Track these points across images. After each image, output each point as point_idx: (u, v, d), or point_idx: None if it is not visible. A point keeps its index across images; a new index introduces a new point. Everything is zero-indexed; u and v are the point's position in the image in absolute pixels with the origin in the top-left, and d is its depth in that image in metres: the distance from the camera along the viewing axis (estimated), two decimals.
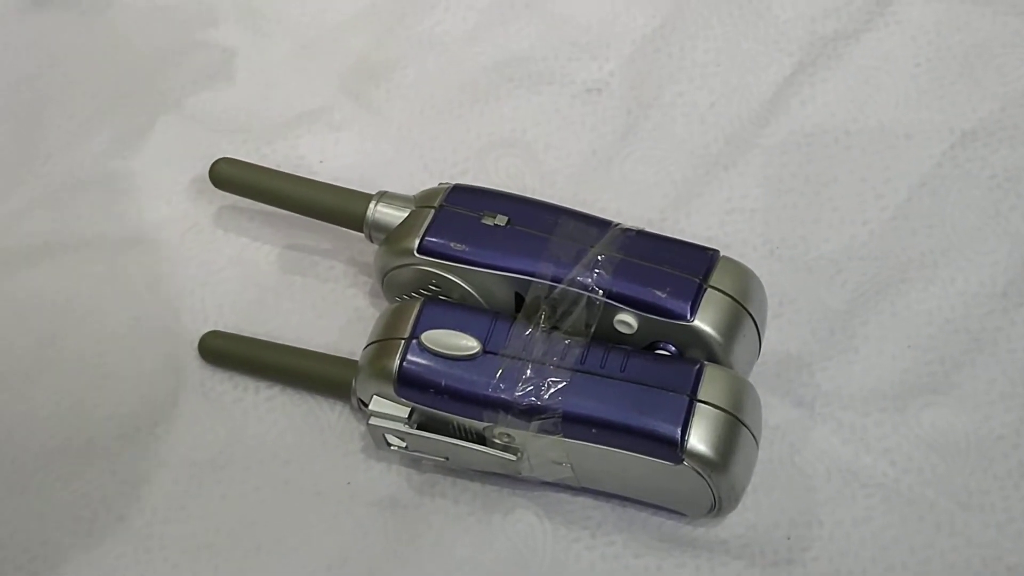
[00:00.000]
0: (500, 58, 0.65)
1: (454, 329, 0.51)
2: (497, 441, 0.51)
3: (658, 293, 0.51)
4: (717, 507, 0.51)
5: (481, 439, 0.52)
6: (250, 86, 0.65)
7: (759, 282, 0.53)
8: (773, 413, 0.54)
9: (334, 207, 0.56)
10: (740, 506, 0.52)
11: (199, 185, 0.61)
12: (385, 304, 0.56)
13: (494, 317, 0.51)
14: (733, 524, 0.53)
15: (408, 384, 0.51)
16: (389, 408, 0.52)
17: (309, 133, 0.63)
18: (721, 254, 0.52)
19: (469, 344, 0.51)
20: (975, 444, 0.54)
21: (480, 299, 0.53)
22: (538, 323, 0.51)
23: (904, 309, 0.57)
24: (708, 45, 0.64)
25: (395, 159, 0.62)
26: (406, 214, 0.54)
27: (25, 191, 0.62)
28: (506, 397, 0.50)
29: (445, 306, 0.52)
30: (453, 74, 0.64)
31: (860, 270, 0.58)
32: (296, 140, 0.63)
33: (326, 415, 0.56)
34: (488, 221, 0.53)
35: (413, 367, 0.51)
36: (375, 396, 0.52)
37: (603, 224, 0.53)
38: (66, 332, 0.59)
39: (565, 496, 0.54)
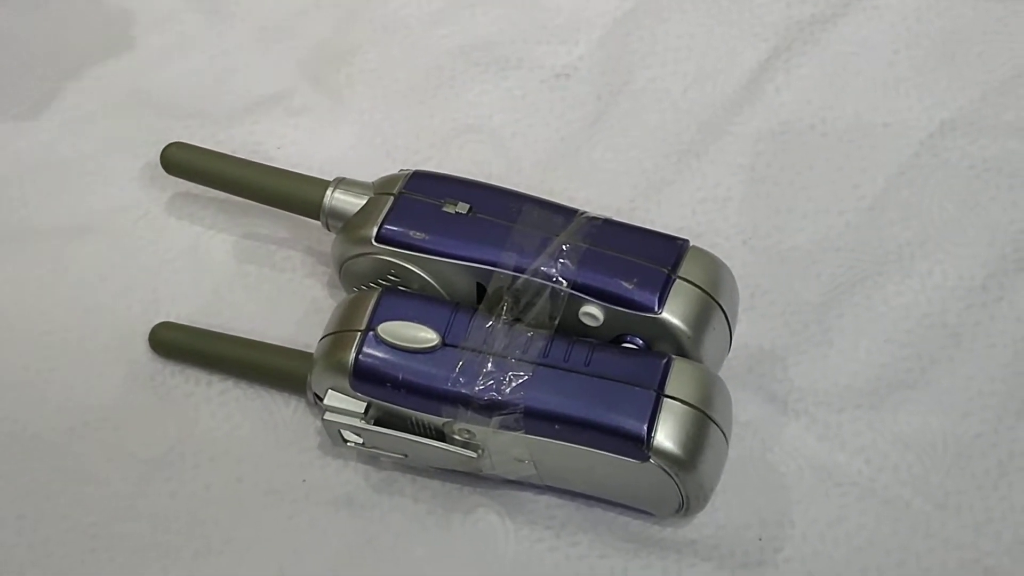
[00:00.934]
0: (466, 42, 0.63)
1: (412, 321, 0.49)
2: (457, 437, 0.49)
3: (625, 284, 0.49)
4: (685, 506, 0.49)
5: (441, 435, 0.50)
6: (206, 70, 0.63)
7: (730, 273, 0.51)
8: (744, 409, 0.53)
9: (290, 194, 0.55)
10: (709, 505, 0.51)
11: (151, 172, 0.60)
12: (343, 295, 0.54)
13: (454, 308, 0.50)
14: (702, 524, 0.51)
15: (364, 378, 0.49)
16: (345, 403, 0.50)
17: (267, 118, 0.61)
18: (691, 244, 0.51)
19: (428, 336, 0.49)
20: (952, 443, 0.53)
21: (440, 290, 0.51)
22: (500, 315, 0.50)
23: (881, 303, 0.56)
24: (681, 29, 0.63)
25: (356, 145, 0.61)
26: (364, 201, 0.53)
27: None
28: (466, 391, 0.48)
29: (403, 297, 0.51)
30: (417, 58, 0.63)
31: (836, 262, 0.57)
32: (253, 126, 0.61)
33: (281, 410, 0.55)
34: (449, 209, 0.51)
35: (369, 360, 0.49)
36: (330, 390, 0.50)
37: (569, 212, 0.51)
38: (11, 323, 0.57)
39: (528, 495, 0.52)
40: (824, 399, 0.54)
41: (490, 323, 0.49)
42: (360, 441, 0.51)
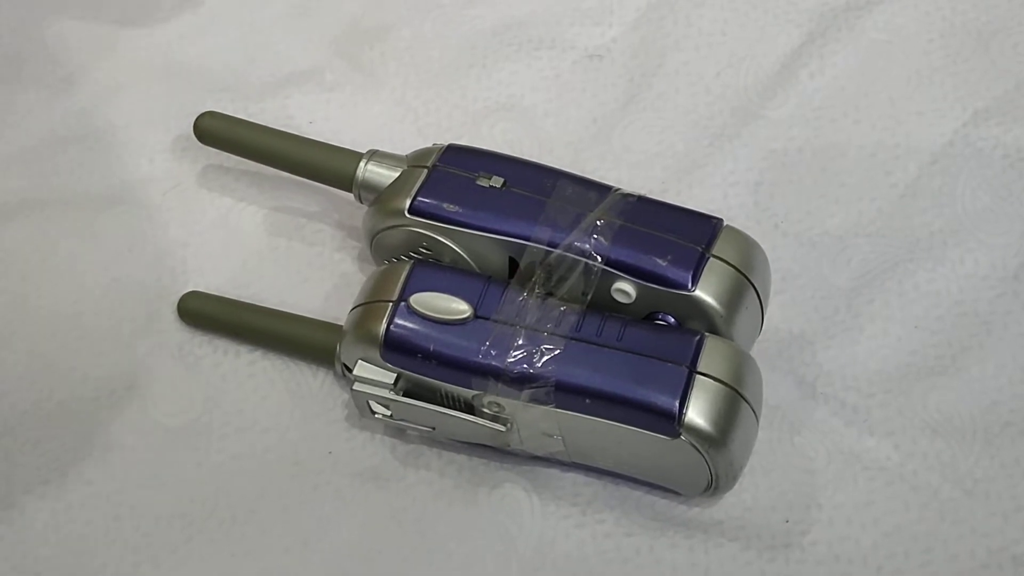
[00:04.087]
0: (499, 22, 0.63)
1: (444, 292, 0.49)
2: (486, 411, 0.49)
3: (658, 261, 0.49)
4: (714, 486, 0.49)
5: (469, 408, 0.50)
6: (240, 44, 0.63)
7: (763, 253, 0.51)
8: (773, 392, 0.52)
9: (323, 165, 0.54)
10: (737, 487, 0.50)
11: (183, 143, 0.59)
12: (374, 270, 0.54)
13: (487, 281, 0.50)
14: (729, 505, 0.51)
15: (395, 348, 0.49)
16: (374, 374, 0.50)
17: (299, 93, 0.61)
18: (725, 223, 0.50)
19: (460, 308, 0.49)
20: (982, 430, 0.52)
21: (472, 263, 0.51)
22: (532, 289, 0.49)
23: (911, 289, 0.55)
24: (715, 14, 0.62)
25: (387, 123, 0.61)
26: (397, 174, 0.53)
27: (2, 146, 0.60)
28: (497, 364, 0.48)
29: (436, 269, 0.51)
30: (450, 37, 0.63)
31: (867, 248, 0.56)
32: (286, 100, 0.61)
33: (308, 382, 0.54)
34: (483, 182, 0.51)
35: (400, 331, 0.49)
36: (360, 361, 0.50)
37: (603, 189, 0.51)
38: (41, 292, 0.57)
39: (555, 471, 0.52)
40: (853, 384, 0.53)
41: (522, 297, 0.49)
42: (388, 413, 0.51)
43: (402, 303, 0.49)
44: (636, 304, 0.49)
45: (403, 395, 0.50)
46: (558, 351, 0.48)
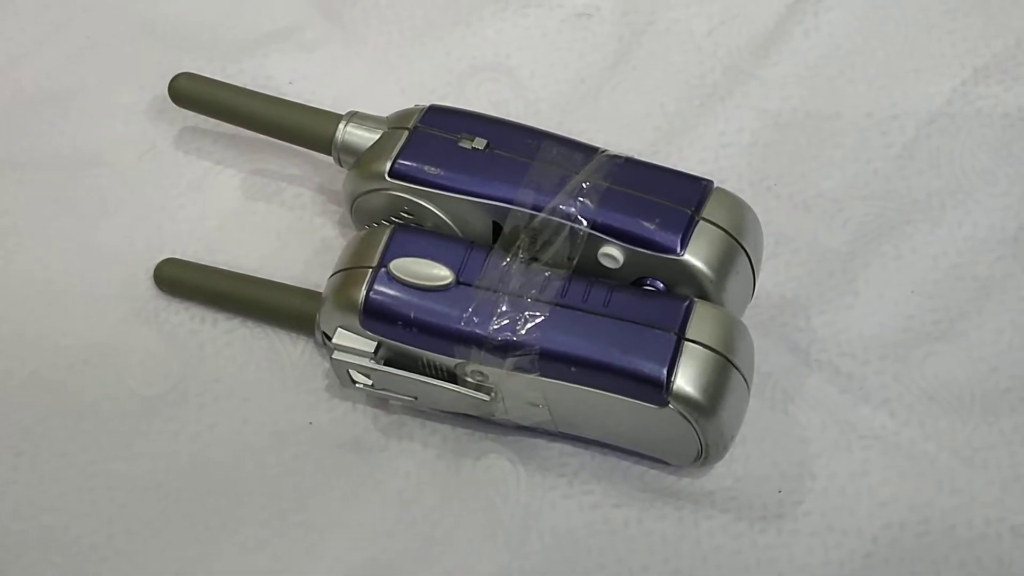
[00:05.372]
0: None
1: (425, 258, 0.48)
2: (469, 380, 0.48)
3: (646, 224, 0.48)
4: (703, 456, 0.48)
5: (452, 377, 0.48)
6: (217, 2, 0.61)
7: (755, 216, 0.50)
8: (766, 359, 0.51)
9: (301, 127, 0.53)
10: (728, 456, 0.49)
11: (159, 105, 0.58)
12: (355, 234, 0.52)
13: (469, 246, 0.48)
14: (720, 475, 0.50)
15: (375, 316, 0.48)
16: (354, 342, 0.49)
17: (278, 52, 0.60)
18: (715, 185, 0.49)
19: (441, 274, 0.47)
20: (980, 397, 0.51)
21: (455, 227, 0.50)
22: (516, 254, 0.48)
23: (908, 252, 0.54)
24: None
25: (369, 82, 0.59)
26: (378, 136, 0.51)
27: None
28: (480, 331, 0.47)
29: (417, 233, 0.49)
30: None
31: (862, 210, 0.55)
32: (264, 59, 0.60)
33: (288, 350, 0.53)
34: (465, 144, 0.50)
35: (380, 297, 0.47)
36: (339, 329, 0.49)
37: (589, 150, 0.50)
38: (11, 257, 0.56)
39: (541, 441, 0.51)
40: (848, 350, 0.52)
41: (506, 262, 0.48)
42: (369, 382, 0.49)
43: (382, 269, 0.48)
44: (623, 269, 0.48)
45: (384, 364, 0.49)
46: (542, 318, 0.46)
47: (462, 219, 0.50)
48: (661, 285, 0.48)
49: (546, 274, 0.47)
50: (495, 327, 0.46)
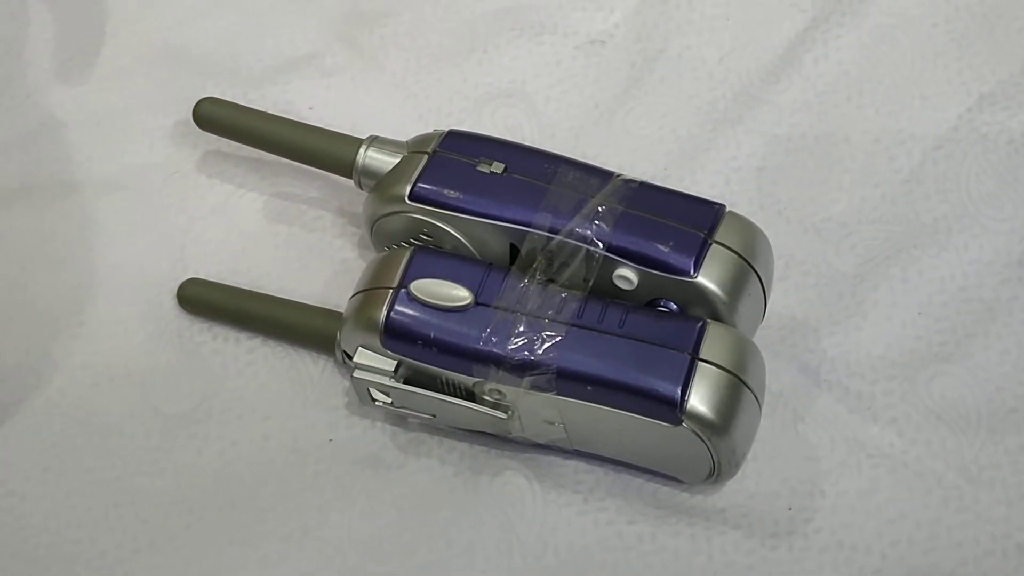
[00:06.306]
0: (501, 6, 0.62)
1: (445, 279, 0.49)
2: (487, 398, 0.49)
3: (660, 247, 0.49)
4: (716, 473, 0.49)
5: (470, 396, 0.49)
6: (239, 29, 0.62)
7: (766, 239, 0.51)
8: (776, 379, 0.52)
9: (323, 151, 0.54)
10: (740, 474, 0.50)
11: (183, 129, 0.59)
12: (374, 256, 0.53)
13: (487, 268, 0.49)
14: (732, 492, 0.51)
15: (395, 335, 0.49)
16: (375, 361, 0.50)
17: (299, 78, 0.61)
18: (727, 209, 0.50)
19: (460, 295, 0.48)
20: (986, 417, 0.52)
21: (473, 250, 0.51)
22: (534, 275, 0.49)
23: (916, 275, 0.55)
24: None
25: (388, 108, 0.60)
26: (398, 160, 0.52)
27: (1, 131, 0.60)
28: (498, 351, 0.48)
29: (436, 255, 0.50)
30: (451, 22, 0.62)
31: (871, 234, 0.56)
32: (285, 85, 0.61)
33: (308, 369, 0.54)
34: (484, 168, 0.51)
35: (401, 318, 0.49)
36: (360, 348, 0.50)
37: (604, 175, 0.51)
38: (39, 278, 0.57)
39: (556, 459, 0.52)
40: (857, 370, 0.53)
41: (523, 283, 0.49)
42: (388, 400, 0.50)
43: (402, 290, 0.49)
44: (638, 291, 0.49)
45: (404, 382, 0.49)
46: (559, 338, 0.47)
47: (480, 241, 0.51)
48: (675, 306, 0.49)
49: (563, 295, 0.48)
50: (513, 347, 0.48)
